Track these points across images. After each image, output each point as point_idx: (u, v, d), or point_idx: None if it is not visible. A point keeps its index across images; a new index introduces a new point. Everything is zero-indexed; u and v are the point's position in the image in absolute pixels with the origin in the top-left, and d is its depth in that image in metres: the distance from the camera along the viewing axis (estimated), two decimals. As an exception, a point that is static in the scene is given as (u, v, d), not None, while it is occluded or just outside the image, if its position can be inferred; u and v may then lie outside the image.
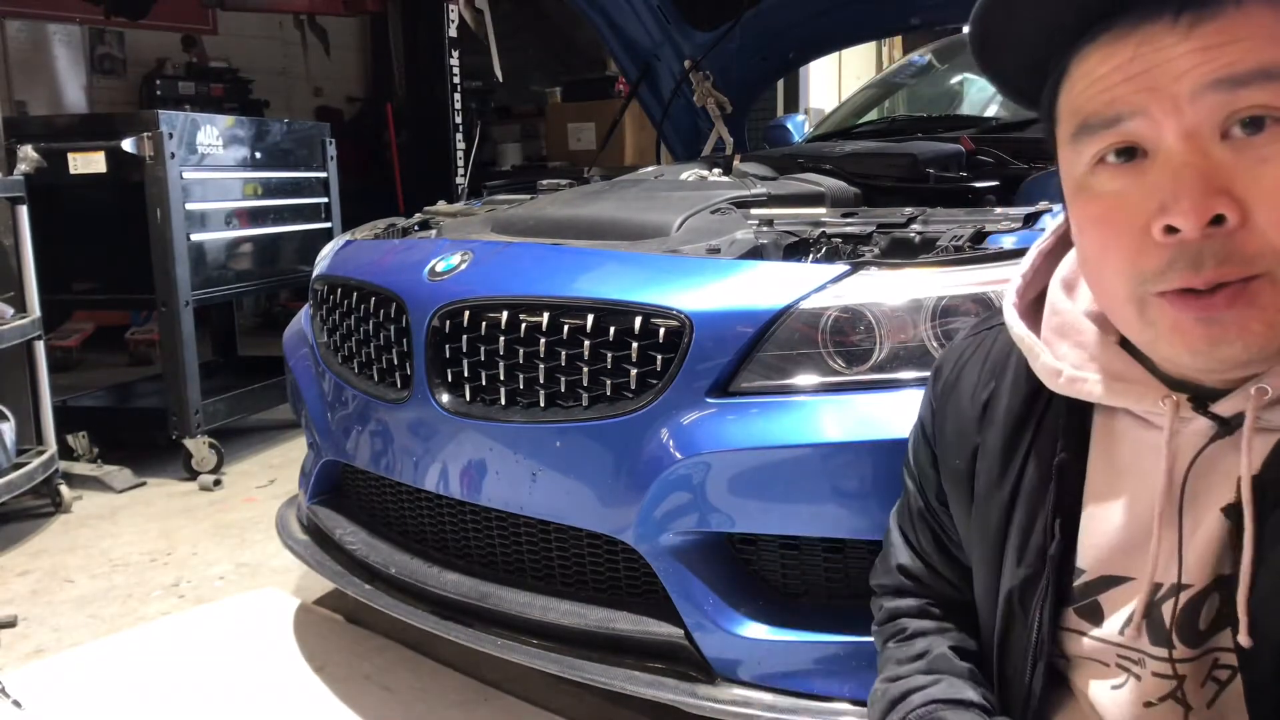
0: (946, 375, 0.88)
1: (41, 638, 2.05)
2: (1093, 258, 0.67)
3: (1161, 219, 0.59)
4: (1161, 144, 0.60)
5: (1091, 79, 0.62)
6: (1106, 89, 0.61)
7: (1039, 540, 0.75)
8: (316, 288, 1.98)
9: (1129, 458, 0.71)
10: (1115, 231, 0.63)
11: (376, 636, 1.96)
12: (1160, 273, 0.60)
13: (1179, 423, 0.67)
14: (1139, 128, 0.60)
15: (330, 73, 7.11)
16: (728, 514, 1.35)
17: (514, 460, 1.50)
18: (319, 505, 1.93)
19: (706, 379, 1.36)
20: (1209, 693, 0.68)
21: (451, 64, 5.20)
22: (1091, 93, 0.62)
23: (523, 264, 1.58)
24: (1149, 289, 0.62)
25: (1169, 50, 0.59)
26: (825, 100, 5.89)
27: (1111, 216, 0.63)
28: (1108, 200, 0.63)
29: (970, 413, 0.83)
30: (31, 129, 3.15)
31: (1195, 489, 0.67)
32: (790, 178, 2.01)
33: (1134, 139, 0.61)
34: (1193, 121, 0.58)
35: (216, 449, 3.10)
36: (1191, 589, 0.67)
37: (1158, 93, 0.59)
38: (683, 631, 1.38)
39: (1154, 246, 0.60)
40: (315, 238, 3.50)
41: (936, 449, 0.88)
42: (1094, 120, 0.62)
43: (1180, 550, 0.68)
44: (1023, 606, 0.77)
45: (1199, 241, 0.58)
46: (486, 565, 1.63)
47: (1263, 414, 0.63)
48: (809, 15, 2.77)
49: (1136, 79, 0.60)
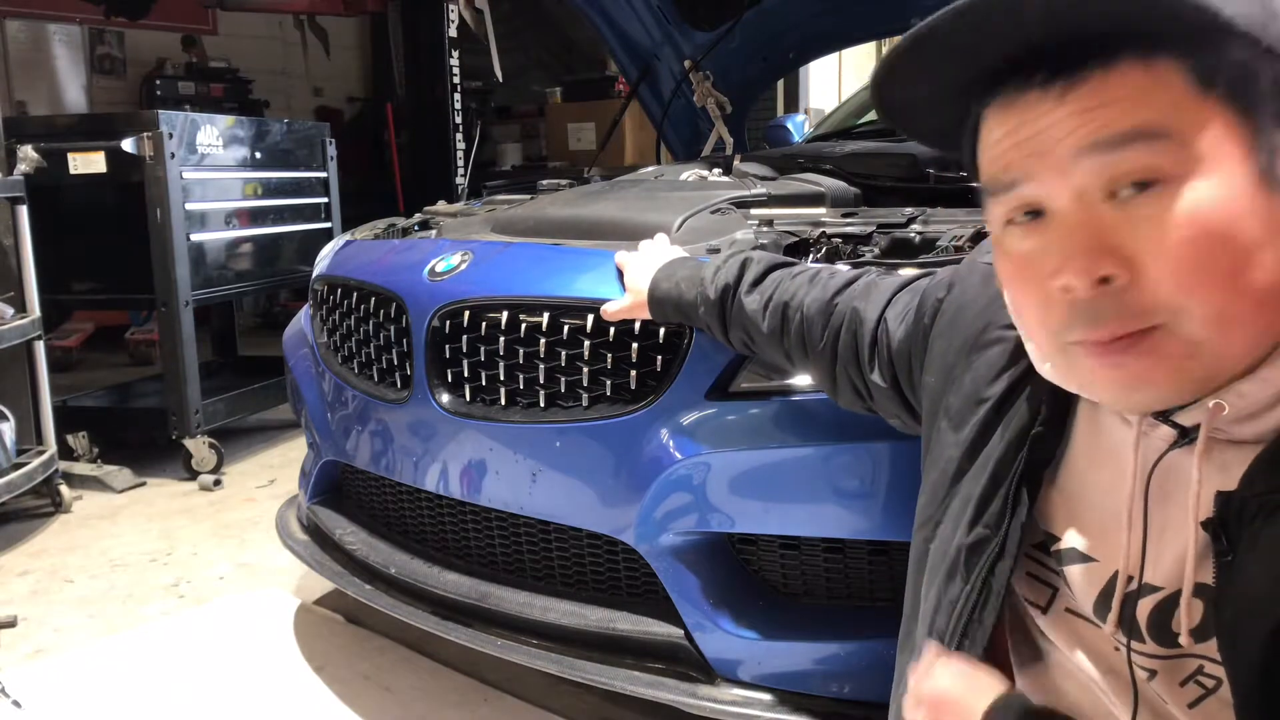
0: (952, 297, 0.90)
1: (41, 638, 2.05)
2: (1014, 311, 0.70)
3: (1057, 279, 0.61)
4: (1056, 205, 0.62)
5: (989, 144, 0.65)
6: (1001, 154, 0.64)
7: (999, 506, 0.77)
8: (316, 288, 1.98)
9: (1109, 447, 0.73)
10: (1025, 289, 0.65)
11: (376, 636, 1.96)
12: (1067, 327, 0.63)
13: (1147, 425, 0.68)
14: (1033, 191, 0.62)
15: (330, 73, 7.11)
16: (728, 514, 1.35)
17: (514, 460, 1.50)
18: (319, 505, 1.93)
19: (706, 379, 1.36)
20: (1191, 694, 0.68)
21: (451, 64, 5.20)
22: (990, 157, 0.65)
23: (523, 264, 1.58)
24: (1063, 339, 0.64)
25: (1048, 116, 0.60)
26: (825, 100, 5.90)
27: (1021, 274, 0.65)
28: (1017, 259, 0.65)
29: (959, 344, 0.85)
30: (31, 129, 3.15)
31: (1163, 490, 0.68)
32: (790, 178, 2.01)
33: (1032, 201, 0.63)
34: (1079, 183, 0.60)
35: (216, 449, 3.10)
36: (1163, 591, 0.68)
37: (1045, 157, 0.61)
38: (683, 632, 1.38)
39: (1057, 303, 0.62)
40: (315, 238, 3.50)
41: (926, 348, 0.92)
42: (994, 185, 0.65)
43: (1144, 548, 0.69)
44: (966, 567, 0.78)
45: (1093, 300, 0.60)
46: (486, 565, 1.63)
47: (1227, 427, 0.64)
48: (809, 15, 2.77)
49: (1024, 144, 0.62)
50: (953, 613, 0.79)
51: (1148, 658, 0.70)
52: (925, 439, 0.90)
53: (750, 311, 1.17)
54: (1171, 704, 0.69)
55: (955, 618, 0.78)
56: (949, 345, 0.87)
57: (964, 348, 0.85)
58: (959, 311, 0.88)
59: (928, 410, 0.90)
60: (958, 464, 0.82)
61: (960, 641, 0.78)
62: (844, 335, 1.05)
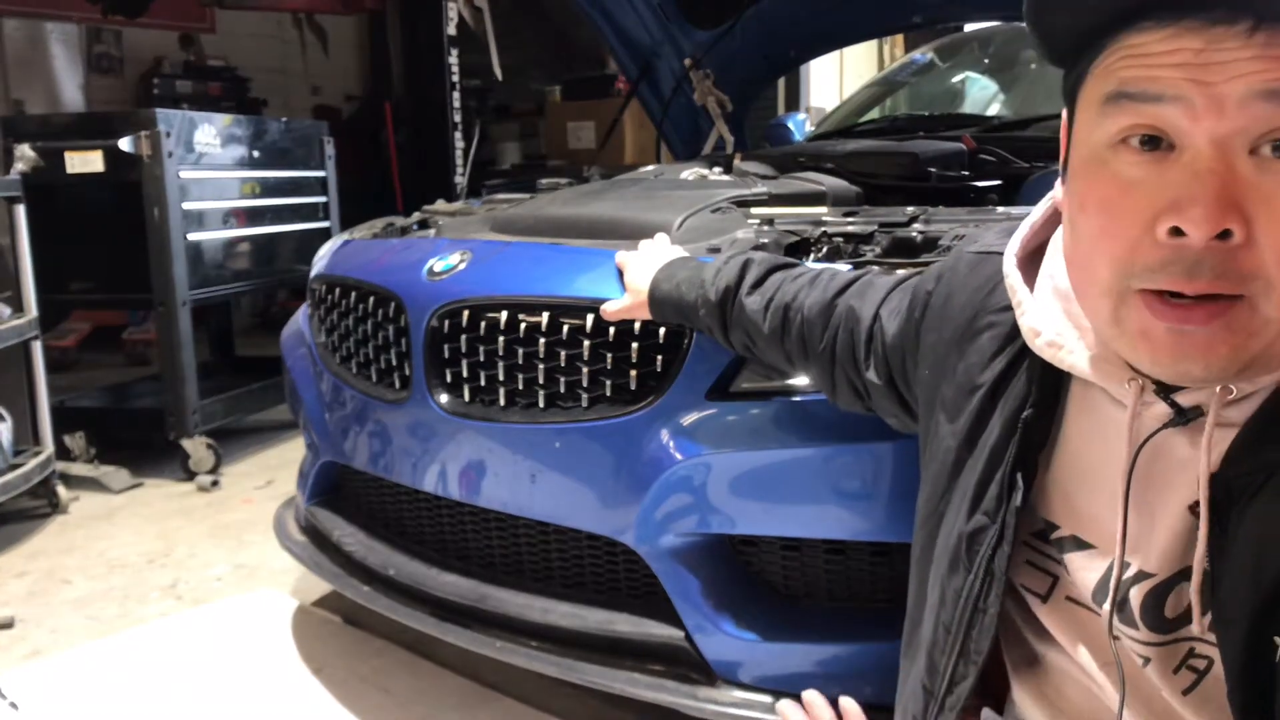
0: (940, 288, 0.89)
1: (39, 639, 2.04)
2: (1086, 238, 0.65)
3: (1170, 219, 0.58)
4: (1191, 141, 0.58)
5: (1143, 53, 0.60)
6: (1156, 66, 0.59)
7: (996, 491, 0.76)
8: (314, 287, 1.97)
9: (1101, 428, 0.72)
10: (1119, 218, 0.61)
11: (375, 638, 1.95)
12: (1153, 270, 0.60)
13: (1141, 405, 0.67)
14: (1175, 115, 0.59)
15: (329, 71, 7.10)
16: (728, 515, 1.34)
17: (513, 461, 1.49)
18: (317, 506, 1.93)
19: (707, 380, 1.35)
20: (1184, 680, 0.68)
21: (450, 63, 5.19)
22: (1139, 65, 0.60)
23: (522, 264, 1.57)
24: (1133, 284, 0.61)
25: (1233, 52, 0.57)
26: (826, 99, 5.89)
27: (1120, 202, 0.61)
28: (1121, 185, 0.61)
29: (950, 334, 0.85)
30: (29, 128, 3.13)
31: (1150, 472, 0.68)
32: (791, 177, 2.00)
33: (1165, 126, 0.59)
34: (1230, 128, 0.57)
35: (214, 449, 3.09)
36: (1156, 578, 0.68)
37: (1207, 87, 0.57)
38: (683, 633, 1.38)
39: (1154, 243, 0.59)
40: (313, 237, 3.48)
41: (919, 342, 0.91)
42: (1133, 89, 0.60)
43: (1133, 532, 0.69)
44: (969, 555, 0.77)
45: (1200, 250, 0.58)
46: (485, 567, 1.62)
47: (1225, 410, 0.63)
48: (810, 13, 2.76)
49: (1189, 67, 0.58)
50: (958, 603, 0.78)
51: (1142, 644, 0.69)
52: (922, 434, 0.90)
53: (751, 313, 1.17)
54: (1166, 692, 0.69)
55: (960, 608, 0.78)
56: (940, 336, 0.87)
57: (955, 337, 0.84)
58: (948, 301, 0.87)
59: (923, 404, 0.90)
60: (956, 454, 0.81)
61: (966, 633, 0.77)
62: (841, 335, 1.05)
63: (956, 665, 0.78)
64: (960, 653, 0.78)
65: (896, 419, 1.03)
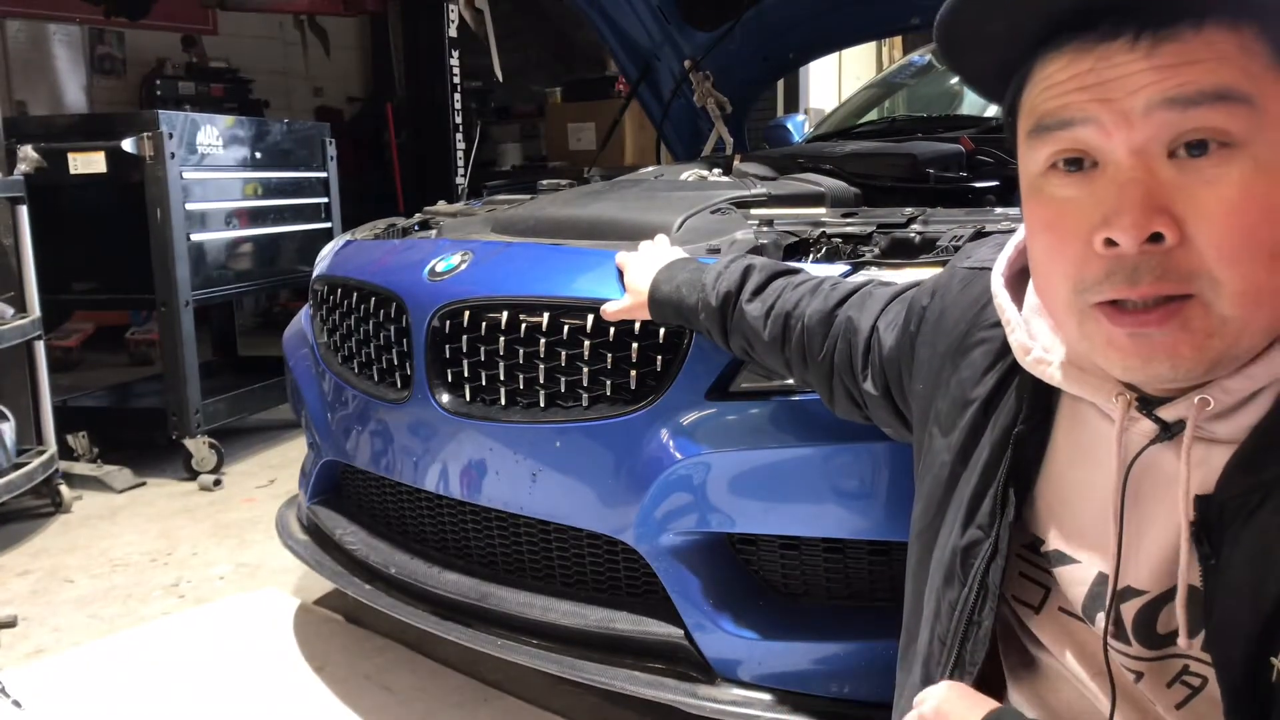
0: (934, 303, 0.90)
1: (41, 638, 2.05)
2: (1041, 261, 0.68)
3: (1102, 231, 0.60)
4: (1110, 156, 0.61)
5: (1050, 83, 0.63)
6: (1063, 94, 0.62)
7: (989, 506, 0.77)
8: (316, 288, 1.98)
9: (1089, 444, 0.73)
10: (1061, 238, 0.64)
11: (376, 637, 1.96)
12: (1099, 282, 0.62)
13: (1129, 420, 0.68)
14: (1089, 135, 0.61)
15: (330, 73, 7.11)
16: (728, 514, 1.35)
17: (514, 460, 1.50)
18: (319, 505, 1.93)
19: (706, 379, 1.36)
20: (1178, 695, 0.68)
21: (451, 64, 5.20)
22: (1049, 95, 0.64)
23: (523, 264, 1.58)
24: (1088, 299, 0.63)
25: (1126, 66, 0.60)
26: (825, 100, 5.89)
27: (1059, 223, 0.64)
28: (1056, 206, 0.64)
29: (944, 349, 0.86)
30: (31, 129, 3.14)
31: (1140, 489, 0.68)
32: (790, 178, 2.01)
33: (1084, 146, 0.62)
34: (1142, 137, 0.59)
35: (216, 449, 3.10)
36: (1147, 595, 0.68)
37: (1111, 104, 0.60)
38: (683, 632, 1.38)
39: (1095, 257, 0.61)
40: (315, 238, 3.50)
41: (914, 355, 0.92)
42: (1048, 121, 0.63)
43: (1125, 549, 0.69)
44: (963, 568, 0.78)
45: (1136, 257, 0.60)
46: (486, 565, 1.63)
47: (1205, 424, 0.64)
48: (810, 15, 2.77)
49: (1092, 89, 0.61)
50: (952, 616, 0.79)
51: (1134, 659, 0.70)
52: (917, 446, 0.91)
53: (751, 319, 1.17)
54: (1159, 705, 0.70)
55: (955, 621, 0.79)
56: (934, 351, 0.88)
57: (949, 351, 0.85)
58: (942, 316, 0.88)
59: (918, 417, 0.90)
60: (950, 468, 0.82)
61: (961, 645, 0.78)
62: (840, 345, 1.06)
63: (952, 677, 0.79)
64: (955, 664, 0.78)
65: (892, 430, 1.04)
